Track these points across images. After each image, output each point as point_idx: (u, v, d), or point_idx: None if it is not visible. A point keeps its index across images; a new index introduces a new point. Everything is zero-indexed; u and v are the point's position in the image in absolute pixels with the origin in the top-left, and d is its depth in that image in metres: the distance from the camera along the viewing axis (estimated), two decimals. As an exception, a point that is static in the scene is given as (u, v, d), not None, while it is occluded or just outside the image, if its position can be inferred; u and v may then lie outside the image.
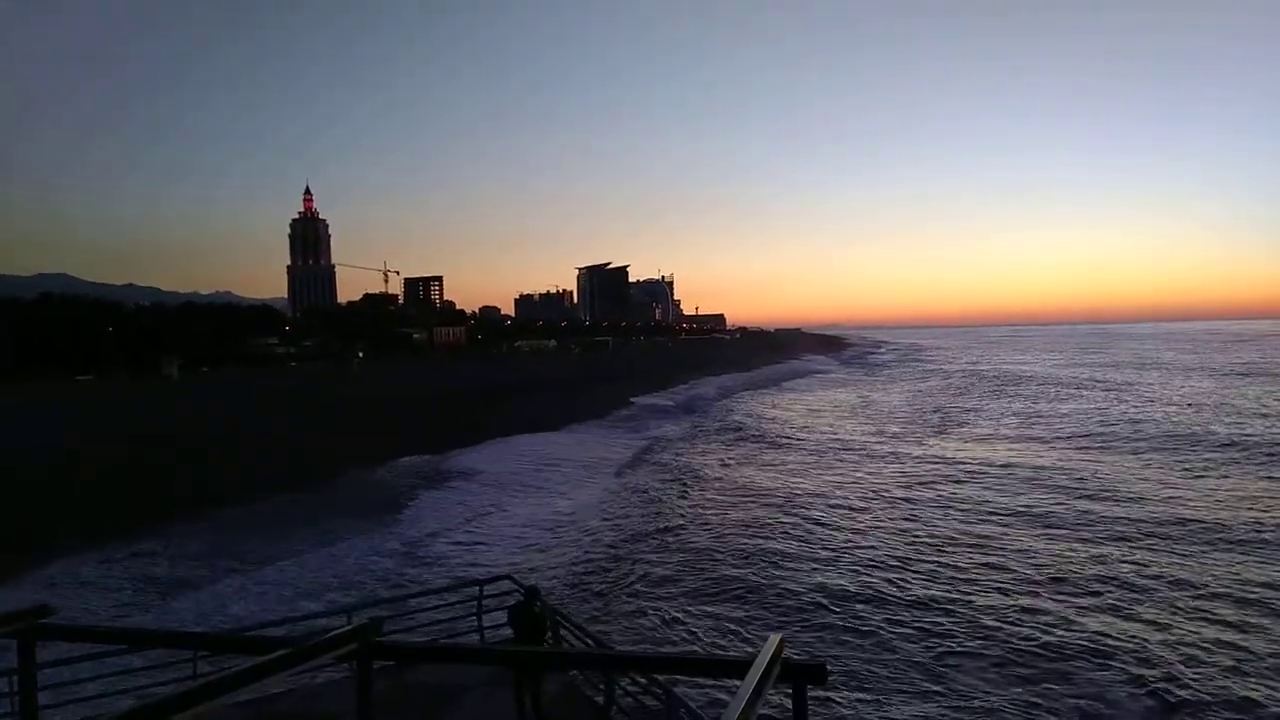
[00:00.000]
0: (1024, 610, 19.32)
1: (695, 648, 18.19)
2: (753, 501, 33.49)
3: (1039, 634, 17.72)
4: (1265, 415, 56.22)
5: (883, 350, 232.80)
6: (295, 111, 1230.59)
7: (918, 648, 17.45)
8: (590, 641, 11.80)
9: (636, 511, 31.82)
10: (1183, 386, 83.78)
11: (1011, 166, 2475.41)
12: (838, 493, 34.56)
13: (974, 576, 22.25)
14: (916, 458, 43.56)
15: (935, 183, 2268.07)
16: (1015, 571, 22.49)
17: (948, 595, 20.75)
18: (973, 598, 20.47)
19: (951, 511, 30.16)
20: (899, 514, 30.33)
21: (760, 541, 26.55)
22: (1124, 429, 51.88)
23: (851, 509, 31.28)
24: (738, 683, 3.12)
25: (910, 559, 24.22)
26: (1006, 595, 20.54)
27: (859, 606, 19.97)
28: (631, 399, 78.34)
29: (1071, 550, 24.31)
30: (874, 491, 34.73)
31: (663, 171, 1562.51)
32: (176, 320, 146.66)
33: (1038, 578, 21.85)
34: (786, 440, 52.70)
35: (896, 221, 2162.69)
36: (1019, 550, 24.52)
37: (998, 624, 18.47)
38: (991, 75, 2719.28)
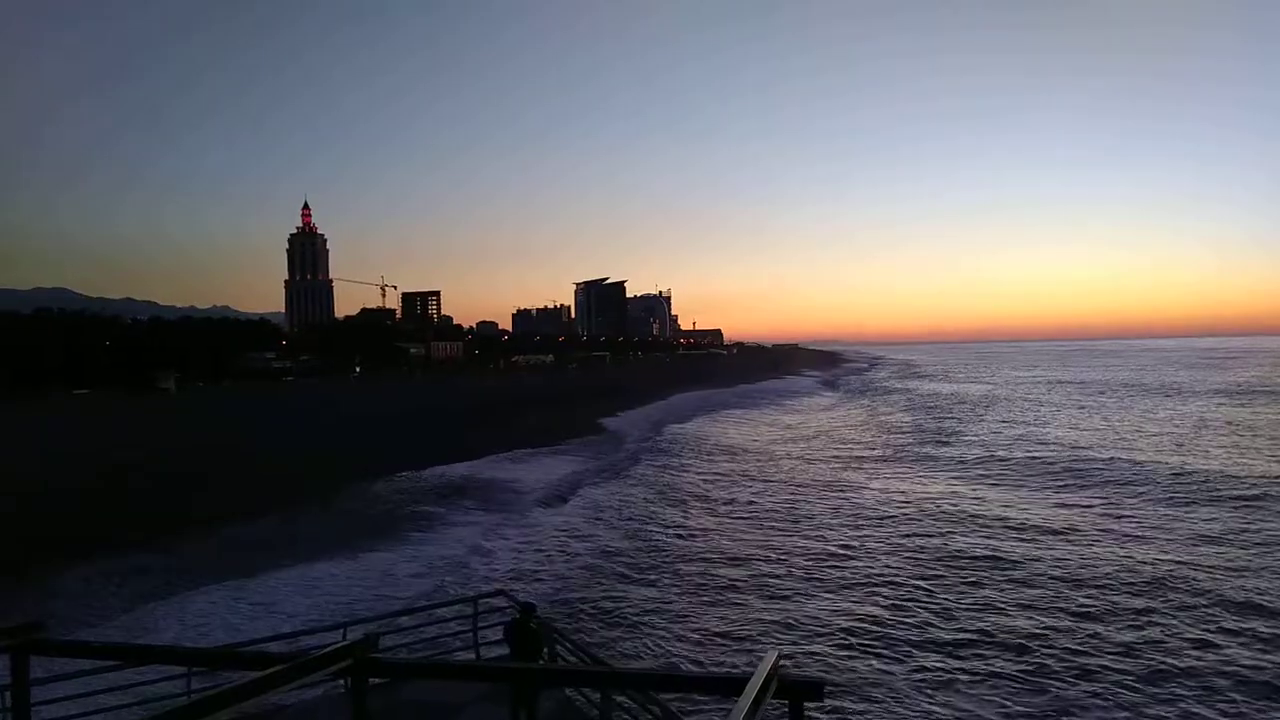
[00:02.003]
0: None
1: (691, 664, 18.12)
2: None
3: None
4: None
5: (877, 368, 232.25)
6: (294, 127, 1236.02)
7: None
8: (586, 658, 11.75)
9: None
10: (1184, 409, 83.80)
11: (1011, 183, 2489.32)
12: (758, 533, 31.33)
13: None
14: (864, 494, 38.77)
15: (933, 199, 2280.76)
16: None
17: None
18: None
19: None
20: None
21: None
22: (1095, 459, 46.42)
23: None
24: (734, 699, 3.12)
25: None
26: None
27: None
28: (619, 411, 78.97)
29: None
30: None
31: (660, 187, 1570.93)
32: (174, 334, 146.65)
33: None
34: (736, 459, 52.10)
35: (895, 238, 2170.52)
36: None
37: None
38: (983, 91, 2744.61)
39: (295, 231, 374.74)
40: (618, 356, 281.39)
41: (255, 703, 3.25)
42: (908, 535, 29.82)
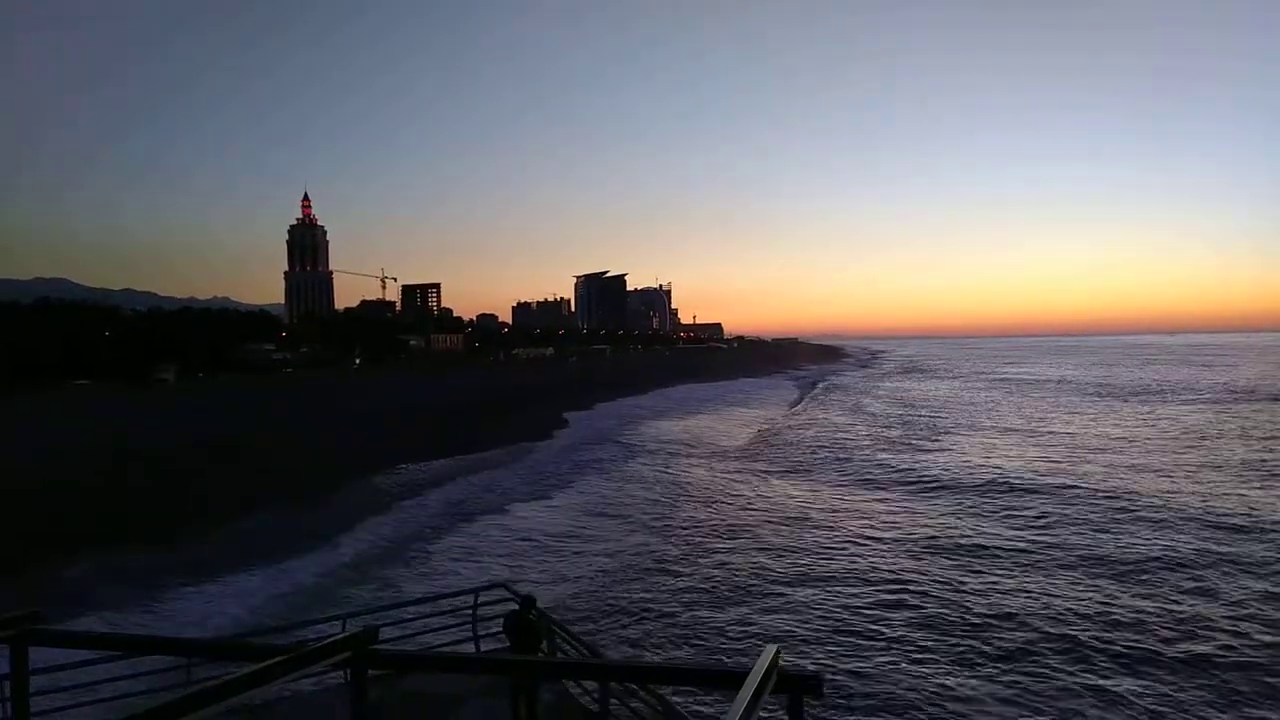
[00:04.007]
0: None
1: (691, 658, 18.16)
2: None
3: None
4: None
5: (876, 363, 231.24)
6: (296, 120, 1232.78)
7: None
8: (585, 650, 11.78)
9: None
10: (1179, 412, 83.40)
11: (1013, 180, 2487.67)
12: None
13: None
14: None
15: (934, 196, 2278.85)
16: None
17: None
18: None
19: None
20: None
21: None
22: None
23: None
24: (733, 693, 3.11)
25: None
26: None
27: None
28: (598, 404, 78.96)
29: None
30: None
31: (661, 181, 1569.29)
32: (174, 325, 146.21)
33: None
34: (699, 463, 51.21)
35: (898, 233, 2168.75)
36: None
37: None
38: (986, 88, 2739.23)
39: (295, 223, 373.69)
40: (617, 350, 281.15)
41: (255, 693, 3.24)
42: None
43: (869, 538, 29.21)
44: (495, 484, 40.24)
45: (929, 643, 18.87)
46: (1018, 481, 39.00)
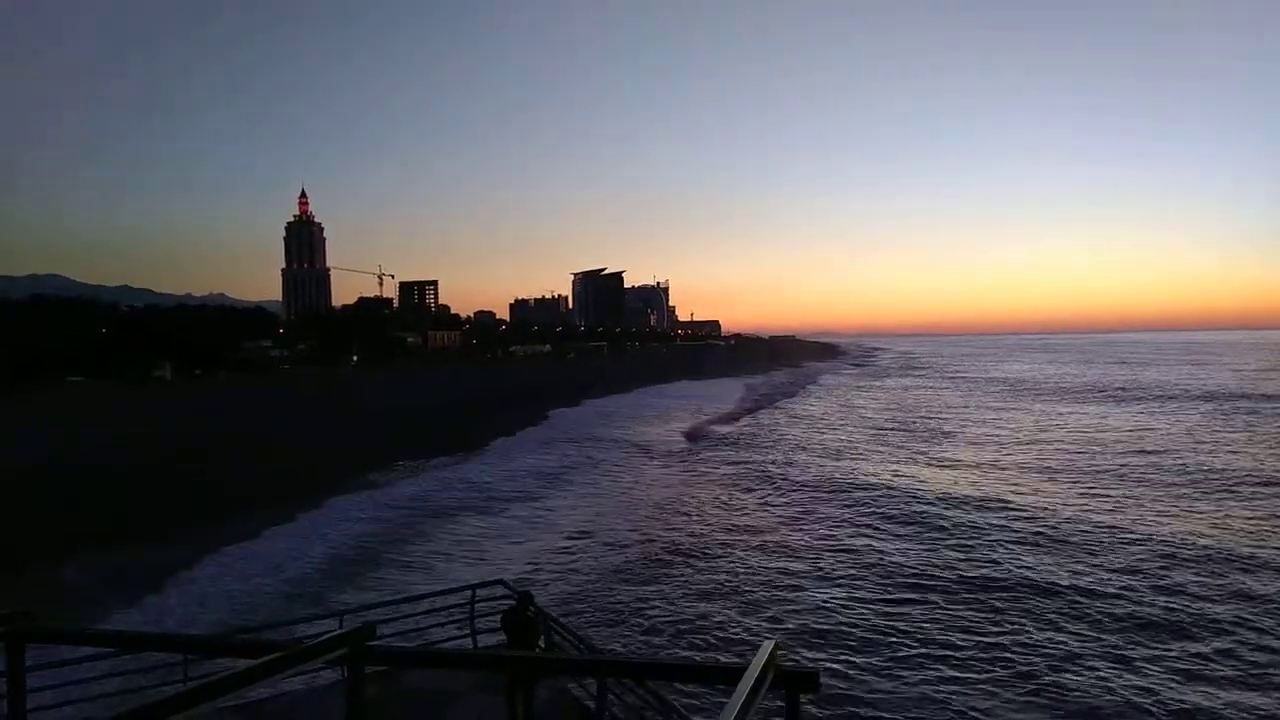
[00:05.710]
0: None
1: (688, 654, 18.18)
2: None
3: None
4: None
5: (872, 360, 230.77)
6: (293, 117, 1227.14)
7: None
8: (583, 647, 11.77)
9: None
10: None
11: (1013, 178, 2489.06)
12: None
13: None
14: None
15: (935, 193, 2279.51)
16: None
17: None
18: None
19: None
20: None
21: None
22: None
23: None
24: (731, 689, 3.11)
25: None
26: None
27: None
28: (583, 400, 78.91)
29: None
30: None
31: (659, 179, 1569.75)
32: (170, 322, 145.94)
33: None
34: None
35: (896, 231, 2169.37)
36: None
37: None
38: (982, 87, 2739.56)
39: (292, 220, 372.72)
40: (615, 347, 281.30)
41: (252, 690, 3.24)
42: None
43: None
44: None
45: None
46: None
